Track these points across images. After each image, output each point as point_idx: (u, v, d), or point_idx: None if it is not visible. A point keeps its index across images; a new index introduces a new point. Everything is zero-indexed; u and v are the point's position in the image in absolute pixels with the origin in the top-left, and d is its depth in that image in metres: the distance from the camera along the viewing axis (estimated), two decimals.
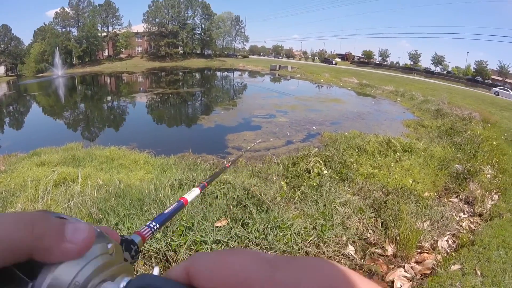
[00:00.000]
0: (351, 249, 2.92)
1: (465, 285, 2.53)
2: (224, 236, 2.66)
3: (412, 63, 70.13)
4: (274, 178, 4.28)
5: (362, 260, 2.87)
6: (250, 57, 72.77)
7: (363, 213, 3.41)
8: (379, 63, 71.64)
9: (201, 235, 2.63)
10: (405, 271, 2.81)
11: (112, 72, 39.69)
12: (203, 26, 60.51)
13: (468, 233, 3.74)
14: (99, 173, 4.80)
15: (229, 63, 53.68)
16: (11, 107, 17.64)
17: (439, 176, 5.21)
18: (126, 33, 53.48)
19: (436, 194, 4.74)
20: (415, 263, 3.01)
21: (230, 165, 1.30)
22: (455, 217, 4.05)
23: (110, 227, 0.37)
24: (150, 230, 0.52)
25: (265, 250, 2.64)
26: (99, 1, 52.74)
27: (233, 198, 3.19)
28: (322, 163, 4.70)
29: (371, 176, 4.82)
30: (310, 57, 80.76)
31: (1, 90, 27.34)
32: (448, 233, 3.55)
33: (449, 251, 3.32)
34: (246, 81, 30.33)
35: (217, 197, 3.20)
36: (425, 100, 16.67)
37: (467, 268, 2.77)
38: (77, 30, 49.69)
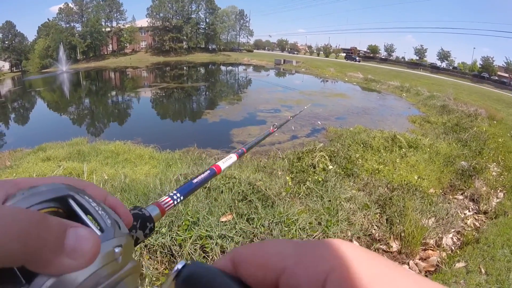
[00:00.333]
0: None
1: (469, 283, 2.53)
2: (229, 231, 2.68)
3: (418, 58, 69.44)
4: (279, 173, 4.28)
5: None
6: (254, 51, 72.46)
7: (368, 209, 3.41)
8: (384, 58, 71.02)
9: (207, 230, 2.64)
10: (410, 268, 2.81)
11: (116, 67, 39.76)
12: (207, 20, 60.39)
13: (473, 230, 3.73)
14: (104, 167, 4.83)
15: (234, 58, 53.57)
16: (16, 103, 17.74)
17: (445, 172, 5.18)
18: (130, 28, 53.54)
19: (441, 191, 4.72)
20: (419, 260, 3.01)
21: (274, 131, 1.24)
22: (460, 214, 4.04)
23: (121, 202, 0.33)
24: (172, 201, 0.47)
25: None
26: None
27: (239, 193, 3.20)
28: (327, 158, 4.69)
29: (376, 172, 4.80)
30: (315, 51, 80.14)
31: (6, 86, 27.59)
32: (453, 230, 3.54)
33: (453, 248, 3.32)
34: (250, 76, 30.25)
35: (222, 191, 3.21)
36: (431, 95, 16.49)
37: (471, 266, 2.77)
38: (81, 25, 49.90)
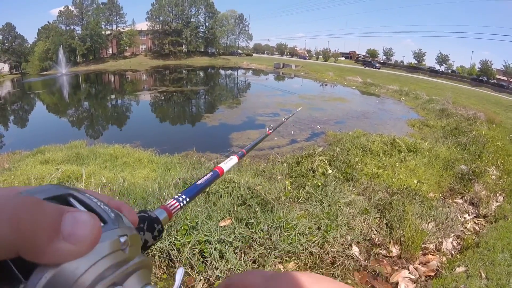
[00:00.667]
0: (355, 250, 2.91)
1: (469, 287, 2.51)
2: (228, 235, 2.66)
3: (416, 62, 69.77)
4: (278, 177, 4.26)
5: (366, 261, 2.86)
6: (254, 55, 72.78)
7: (368, 214, 3.40)
8: (383, 61, 71.32)
9: (205, 235, 2.63)
10: (410, 273, 2.79)
11: (116, 70, 39.86)
12: (207, 24, 60.71)
13: (472, 234, 3.71)
14: (103, 171, 4.81)
15: (233, 62, 53.72)
16: (15, 105, 17.73)
17: (444, 176, 5.17)
18: (130, 31, 53.81)
19: (440, 195, 4.71)
20: (419, 264, 2.99)
21: (271, 132, 1.25)
22: (460, 218, 4.02)
23: (127, 203, 0.31)
24: (178, 204, 0.47)
25: (269, 250, 2.64)
26: None
27: (238, 197, 3.19)
28: (326, 162, 4.68)
29: (376, 176, 4.79)
30: (314, 55, 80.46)
31: (6, 88, 27.60)
32: (452, 234, 3.52)
33: (453, 252, 3.30)
34: (250, 80, 30.33)
35: (221, 196, 3.19)
36: (430, 99, 16.55)
37: (471, 270, 2.75)
38: (81, 28, 50.13)
